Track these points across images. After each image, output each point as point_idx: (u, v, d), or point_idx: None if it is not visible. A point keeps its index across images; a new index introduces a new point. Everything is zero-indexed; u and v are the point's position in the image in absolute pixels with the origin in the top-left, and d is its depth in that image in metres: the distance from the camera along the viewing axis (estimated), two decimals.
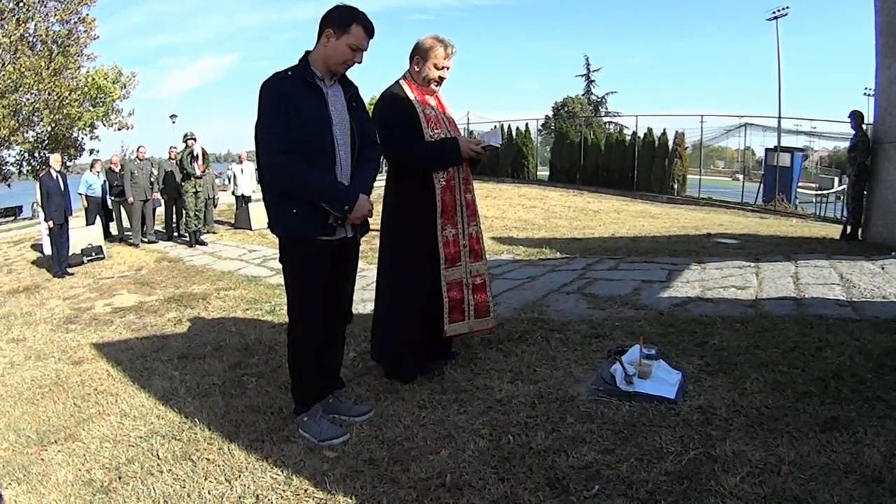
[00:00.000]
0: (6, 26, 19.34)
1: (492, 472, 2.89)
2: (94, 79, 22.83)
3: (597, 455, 2.98)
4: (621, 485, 2.73)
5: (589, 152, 24.91)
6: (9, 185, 20.08)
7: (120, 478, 3.21)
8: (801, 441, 2.99)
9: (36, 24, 20.56)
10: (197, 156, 12.37)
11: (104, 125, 24.41)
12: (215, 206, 15.53)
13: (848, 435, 3.01)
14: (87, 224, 12.62)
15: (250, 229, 14.39)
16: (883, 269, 6.50)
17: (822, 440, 2.98)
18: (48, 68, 20.42)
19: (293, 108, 3.08)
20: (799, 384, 3.61)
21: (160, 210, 14.07)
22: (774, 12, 23.13)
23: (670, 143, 22.46)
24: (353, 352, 4.78)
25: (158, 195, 13.39)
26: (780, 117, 22.50)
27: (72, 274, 10.34)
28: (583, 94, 63.56)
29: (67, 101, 21.43)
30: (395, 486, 2.81)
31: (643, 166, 22.94)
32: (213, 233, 14.13)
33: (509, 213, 15.11)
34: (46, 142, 22.25)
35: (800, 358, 4.02)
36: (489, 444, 3.15)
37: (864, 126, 10.05)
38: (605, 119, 42.88)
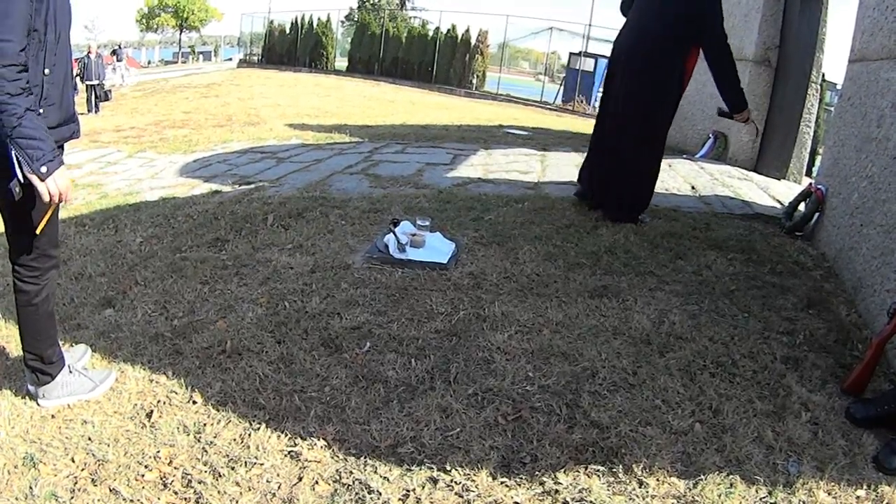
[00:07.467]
0: None
1: (269, 336, 2.87)
2: None
3: (369, 316, 3.01)
4: (392, 342, 2.79)
5: (389, 44, 24.94)
6: None
7: None
8: (570, 305, 3.14)
9: None
10: None
11: None
12: None
13: (618, 302, 3.19)
14: None
15: None
16: (670, 166, 6.72)
17: (591, 305, 3.15)
18: None
19: None
20: (571, 256, 3.76)
21: None
22: None
23: (473, 40, 22.91)
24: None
25: None
26: (590, 25, 23.72)
27: None
28: None
29: None
30: (180, 357, 2.75)
31: (444, 60, 23.29)
32: None
33: (303, 101, 14.37)
34: None
35: (574, 234, 4.16)
36: (267, 312, 3.10)
37: None
38: (411, 13, 42.16)
